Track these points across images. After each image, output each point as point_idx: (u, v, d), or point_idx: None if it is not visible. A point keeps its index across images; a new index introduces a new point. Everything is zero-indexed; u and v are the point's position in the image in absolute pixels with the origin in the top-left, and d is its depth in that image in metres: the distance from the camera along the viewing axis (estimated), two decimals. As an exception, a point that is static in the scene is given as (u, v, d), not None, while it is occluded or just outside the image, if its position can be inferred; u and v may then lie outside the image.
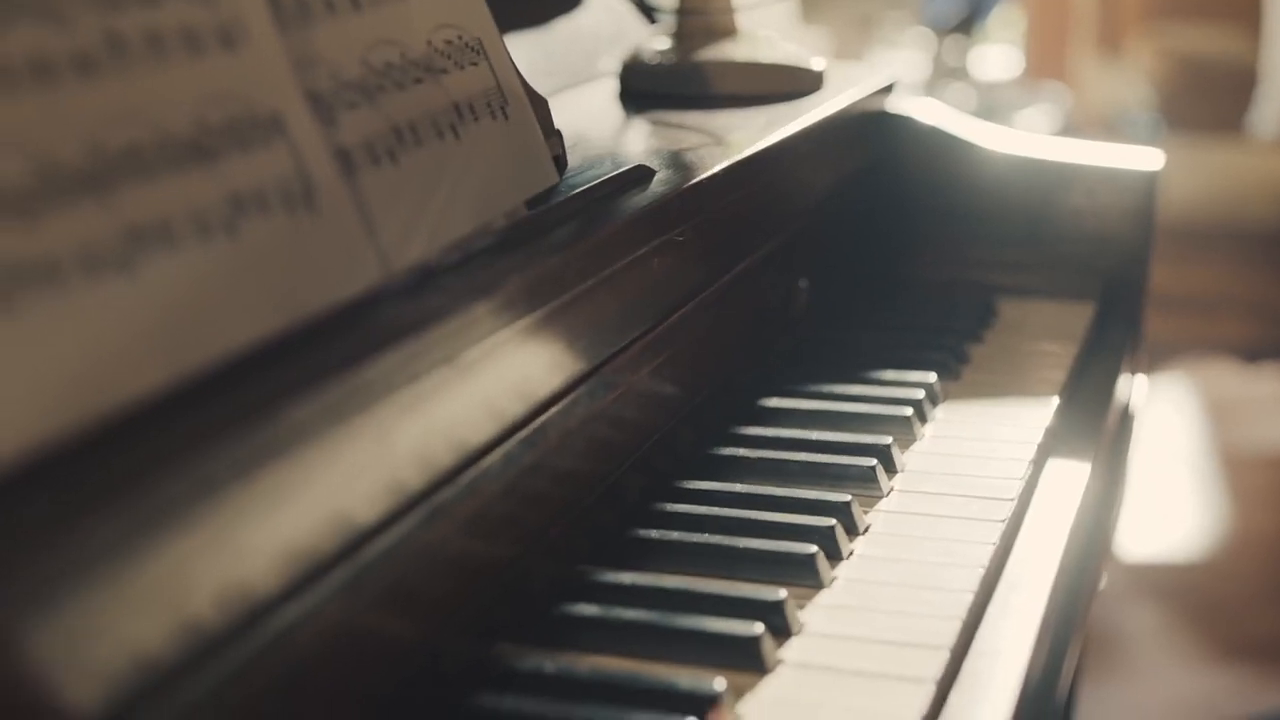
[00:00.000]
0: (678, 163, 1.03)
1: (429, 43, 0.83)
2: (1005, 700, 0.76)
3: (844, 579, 0.86)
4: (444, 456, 0.72)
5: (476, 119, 0.85)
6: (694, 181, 0.99)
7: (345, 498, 0.64)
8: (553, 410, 0.83)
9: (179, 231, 0.62)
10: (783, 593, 0.80)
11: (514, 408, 0.79)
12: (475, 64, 0.87)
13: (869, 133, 1.38)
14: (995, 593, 0.87)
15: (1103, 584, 1.27)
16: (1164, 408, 3.61)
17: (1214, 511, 3.12)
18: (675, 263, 0.98)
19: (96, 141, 0.61)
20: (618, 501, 0.91)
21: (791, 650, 0.78)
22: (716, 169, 1.02)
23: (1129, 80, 3.87)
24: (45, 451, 0.52)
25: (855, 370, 1.15)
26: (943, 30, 4.33)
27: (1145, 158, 1.40)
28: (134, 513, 0.52)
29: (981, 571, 0.86)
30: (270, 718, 0.60)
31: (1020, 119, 3.92)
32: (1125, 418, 1.31)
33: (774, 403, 1.10)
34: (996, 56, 4.86)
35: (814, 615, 0.81)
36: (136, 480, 0.52)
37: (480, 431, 0.75)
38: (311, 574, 0.62)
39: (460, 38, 0.86)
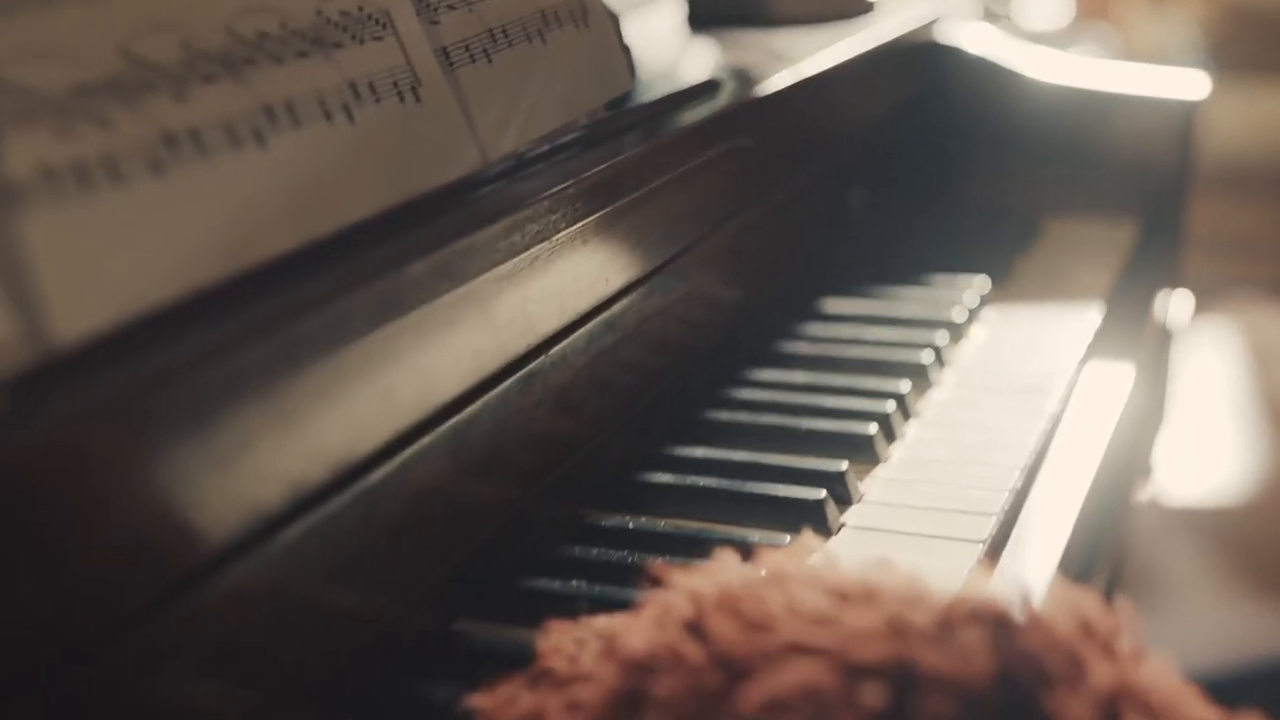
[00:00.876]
0: (742, 78, 1.09)
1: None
2: (1049, 561, 0.83)
3: (899, 457, 0.92)
4: (539, 327, 0.79)
5: (561, 26, 0.92)
6: (758, 95, 1.05)
7: (454, 356, 0.71)
8: (629, 298, 0.89)
9: (304, 112, 0.69)
10: (844, 464, 0.87)
11: (597, 290, 0.85)
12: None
13: (919, 59, 1.44)
14: (1041, 472, 0.93)
15: (1141, 495, 1.33)
16: (1206, 350, 3.64)
17: (1256, 453, 3.16)
18: (740, 168, 1.04)
19: (233, 30, 0.67)
20: (688, 387, 0.98)
21: (852, 515, 0.84)
22: (779, 85, 1.08)
23: (1177, 23, 3.88)
24: (194, 298, 0.58)
25: (907, 276, 1.21)
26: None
27: (1186, 84, 1.45)
28: (278, 346, 0.59)
29: (1029, 452, 0.92)
30: (384, 551, 0.67)
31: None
32: (1165, 331, 1.37)
33: (833, 303, 1.16)
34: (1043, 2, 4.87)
35: (873, 486, 0.88)
36: (279, 320, 0.59)
37: (565, 311, 0.82)
38: (422, 425, 0.69)
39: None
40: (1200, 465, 3.06)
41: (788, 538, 0.79)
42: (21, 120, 0.57)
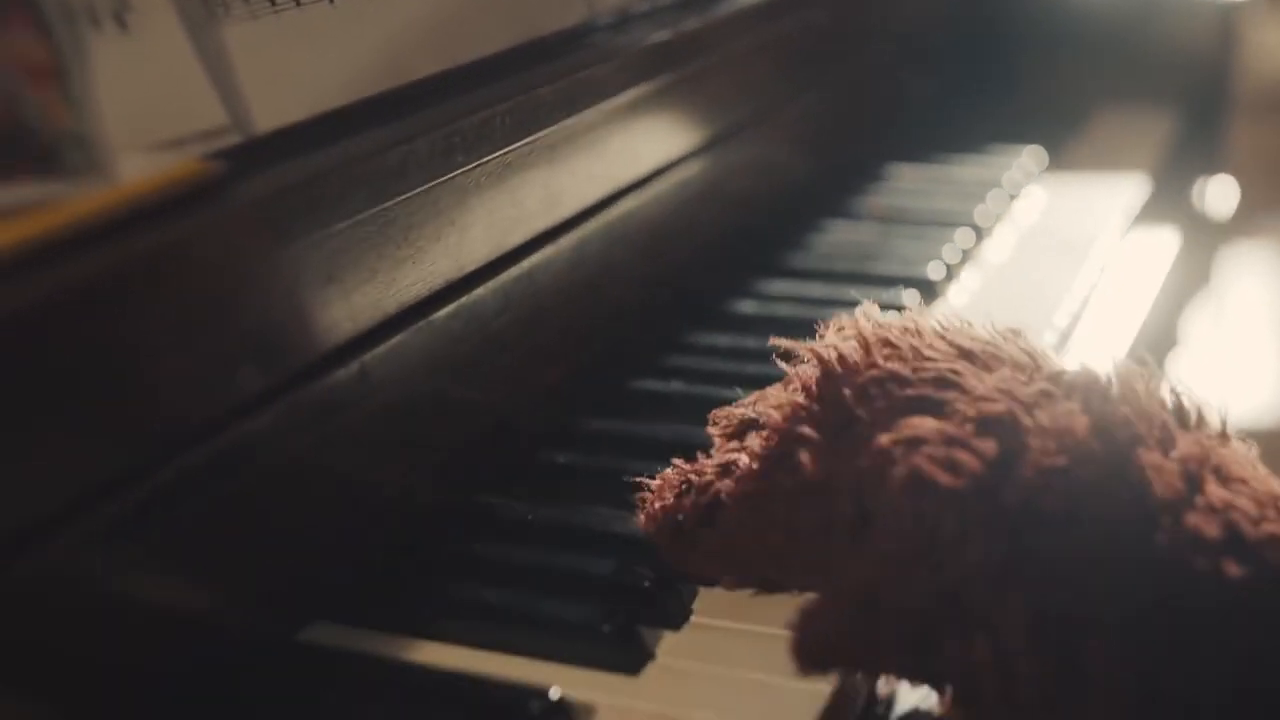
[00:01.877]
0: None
1: None
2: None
3: (956, 299, 1.01)
4: (642, 162, 0.88)
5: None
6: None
7: (575, 177, 0.81)
8: (718, 148, 0.99)
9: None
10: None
11: (691, 137, 0.95)
12: None
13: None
14: (1085, 318, 1.02)
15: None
16: (1251, 277, 3.68)
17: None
18: (811, 44, 1.13)
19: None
20: (769, 236, 1.08)
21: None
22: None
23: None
24: (364, 104, 0.68)
25: (967, 147, 1.30)
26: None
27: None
28: (436, 145, 0.68)
29: (1077, 299, 1.01)
30: (513, 341, 0.77)
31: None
32: (1206, 213, 1.45)
33: (899, 168, 1.25)
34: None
35: (943, 307, 0.97)
36: (435, 123, 0.69)
37: (666, 152, 0.91)
38: (549, 233, 0.79)
39: None
40: (1241, 390, 3.12)
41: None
42: (219, -52, 0.66)
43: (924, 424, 0.57)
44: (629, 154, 0.87)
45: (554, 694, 0.57)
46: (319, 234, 0.62)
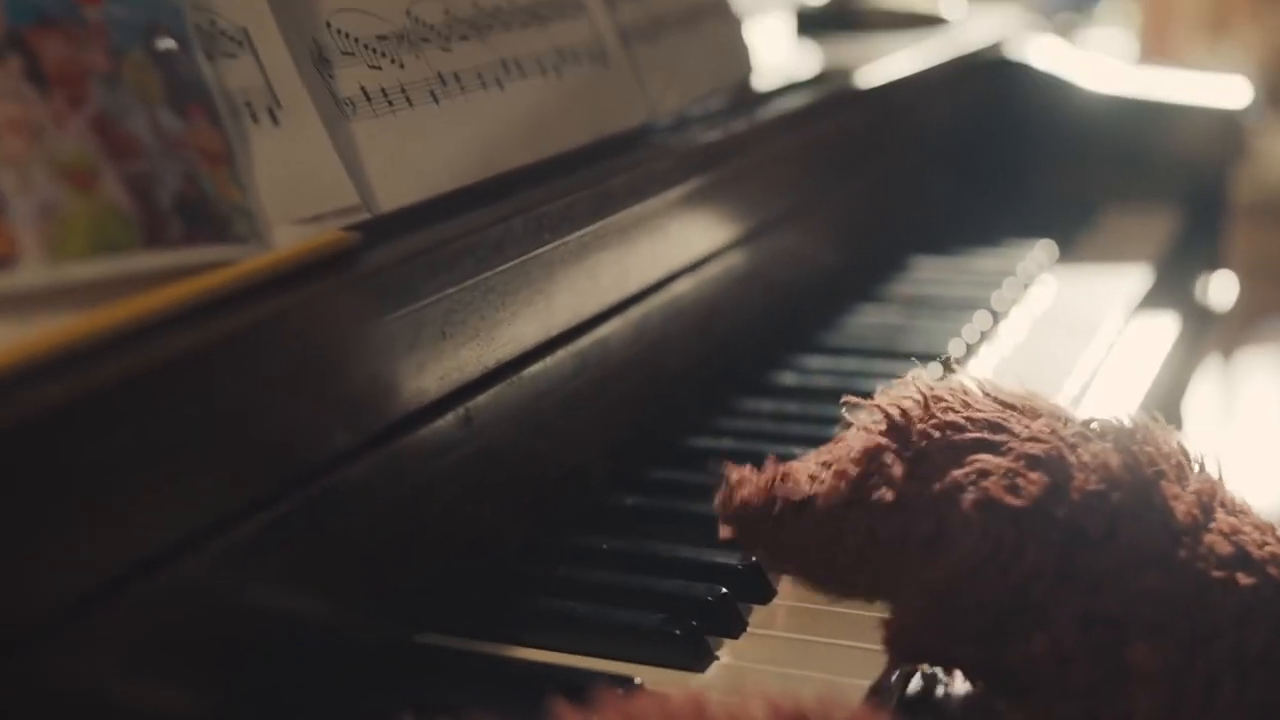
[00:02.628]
0: (840, 74, 1.30)
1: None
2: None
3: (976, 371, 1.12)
4: (695, 247, 1.00)
5: (705, 20, 1.13)
6: (852, 88, 1.26)
7: (640, 257, 0.92)
8: (756, 240, 1.10)
9: (528, 67, 0.90)
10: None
11: (735, 227, 1.06)
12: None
13: (990, 69, 1.64)
14: (1091, 391, 1.13)
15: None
16: (1261, 380, 3.76)
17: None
18: (839, 149, 1.25)
19: (478, 3, 0.89)
20: (799, 319, 1.19)
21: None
22: (871, 81, 1.29)
23: (1236, 64, 4.06)
24: (454, 198, 0.80)
25: (983, 241, 1.42)
26: (1054, 14, 4.54)
27: (1228, 93, 1.64)
28: (526, 226, 0.80)
29: (1086, 372, 1.12)
30: (587, 400, 0.88)
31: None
32: (1205, 306, 1.56)
33: (920, 259, 1.37)
34: (1107, 40, 5.05)
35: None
36: (526, 208, 0.80)
37: (715, 239, 1.03)
38: (617, 306, 0.90)
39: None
40: (1250, 491, 3.19)
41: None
42: (345, 57, 0.78)
43: (988, 459, 0.69)
44: (685, 240, 0.98)
45: (636, 681, 0.67)
46: (433, 296, 0.73)
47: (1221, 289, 1.61)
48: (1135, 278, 1.36)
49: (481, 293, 0.77)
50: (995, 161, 1.63)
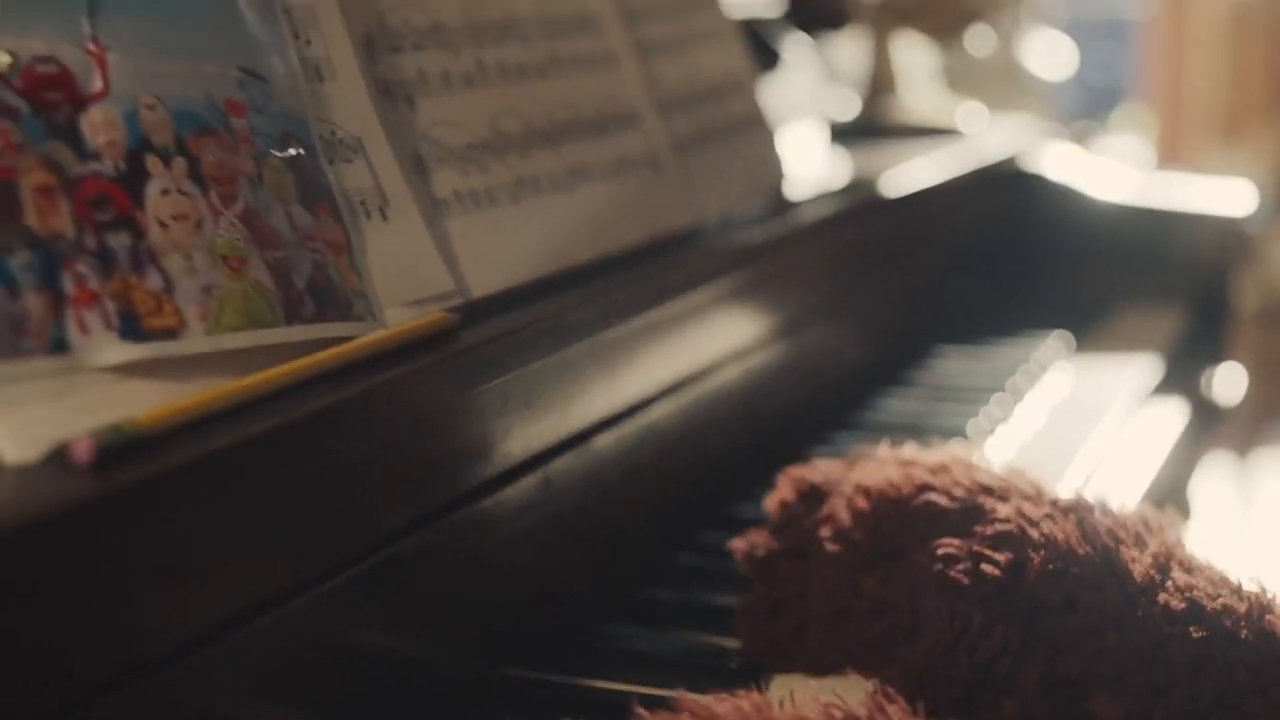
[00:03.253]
0: (866, 182, 1.42)
1: (722, 80, 1.23)
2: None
3: (990, 455, 1.22)
4: (744, 336, 1.10)
5: (746, 132, 1.24)
6: (875, 197, 1.38)
7: (691, 343, 1.03)
8: (798, 332, 1.21)
9: (595, 173, 1.02)
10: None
11: (774, 319, 1.17)
12: (739, 95, 1.26)
13: (1007, 178, 1.75)
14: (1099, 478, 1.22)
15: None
16: (1275, 479, 3.82)
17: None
18: (870, 251, 1.36)
19: (551, 117, 1.00)
20: (825, 414, 1.29)
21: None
22: (891, 192, 1.41)
23: (1249, 169, 4.18)
24: (532, 287, 0.90)
25: (1004, 333, 1.52)
26: (1071, 121, 4.68)
27: (1234, 199, 1.76)
28: (597, 311, 0.91)
29: (1093, 460, 1.22)
30: (651, 470, 0.98)
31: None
32: (1210, 400, 1.66)
33: (945, 349, 1.47)
34: (1122, 147, 5.18)
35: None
36: (596, 296, 0.91)
37: (760, 331, 1.14)
38: (670, 387, 1.01)
39: (738, 81, 1.26)
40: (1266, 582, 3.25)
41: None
42: (440, 163, 0.90)
43: (953, 544, 0.79)
44: (730, 330, 1.09)
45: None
46: (517, 370, 0.84)
47: (1227, 384, 1.71)
48: (1144, 369, 1.47)
49: (558, 369, 0.88)
50: (1014, 261, 1.74)
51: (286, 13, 0.81)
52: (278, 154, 0.76)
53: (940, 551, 0.80)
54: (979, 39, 1.95)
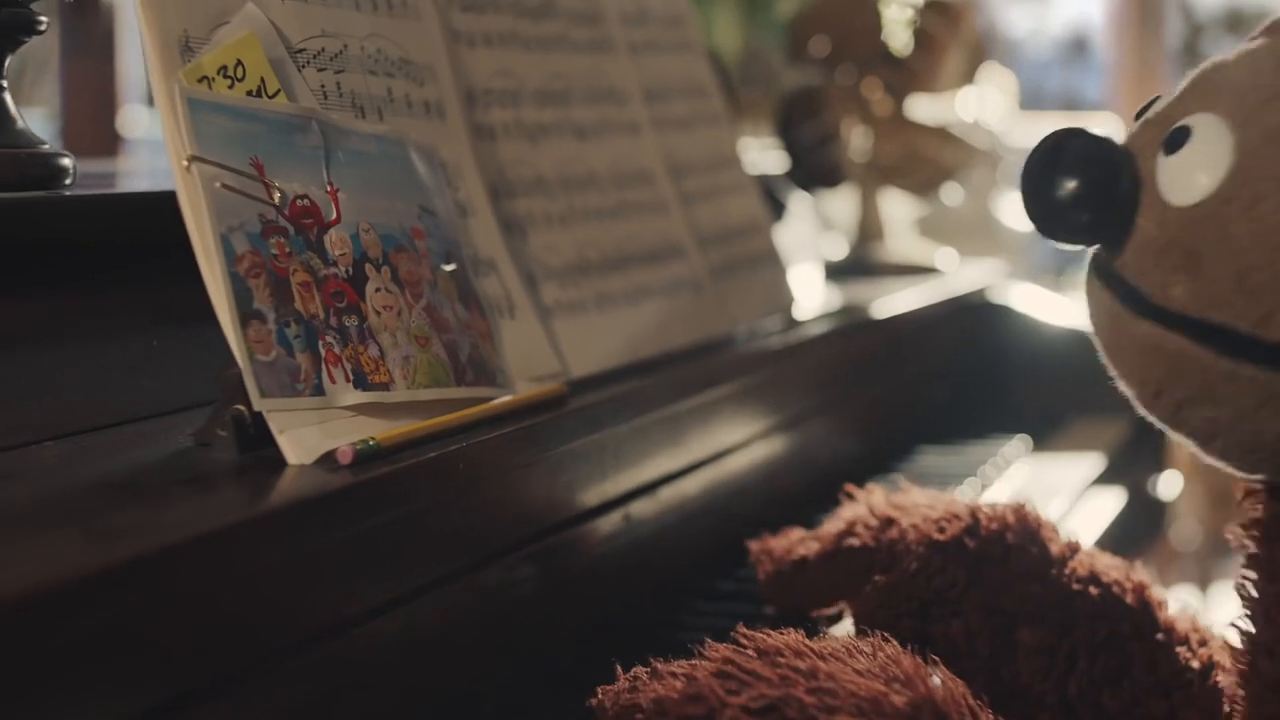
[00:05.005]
0: (858, 309, 1.72)
1: (745, 223, 1.54)
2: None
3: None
4: (757, 424, 1.40)
5: (764, 264, 1.55)
6: (865, 319, 1.68)
7: (717, 429, 1.32)
8: (796, 424, 1.50)
9: (653, 290, 1.32)
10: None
11: (782, 412, 1.46)
12: (759, 235, 1.57)
13: (977, 310, 2.07)
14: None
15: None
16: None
17: None
18: (859, 363, 1.66)
19: (620, 248, 1.31)
20: (827, 487, 1.58)
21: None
22: (880, 315, 1.71)
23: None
24: (619, 374, 1.20)
25: (973, 436, 1.82)
26: (1037, 275, 5.03)
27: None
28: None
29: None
30: (687, 532, 1.26)
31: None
32: (1150, 493, 1.95)
33: (922, 447, 1.77)
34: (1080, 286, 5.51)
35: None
36: (663, 382, 1.21)
37: (771, 421, 1.43)
38: (701, 461, 1.30)
39: (757, 223, 1.57)
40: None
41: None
42: (546, 279, 1.20)
43: (926, 511, 1.09)
44: (743, 422, 1.38)
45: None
46: (609, 429, 1.13)
47: (1167, 484, 2.01)
48: (1091, 466, 1.76)
49: (635, 432, 1.17)
50: (984, 376, 2.04)
51: (443, 167, 1.12)
52: (445, 267, 1.06)
53: (915, 514, 1.11)
54: (952, 194, 2.27)
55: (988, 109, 3.10)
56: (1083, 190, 0.92)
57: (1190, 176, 0.87)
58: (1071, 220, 0.93)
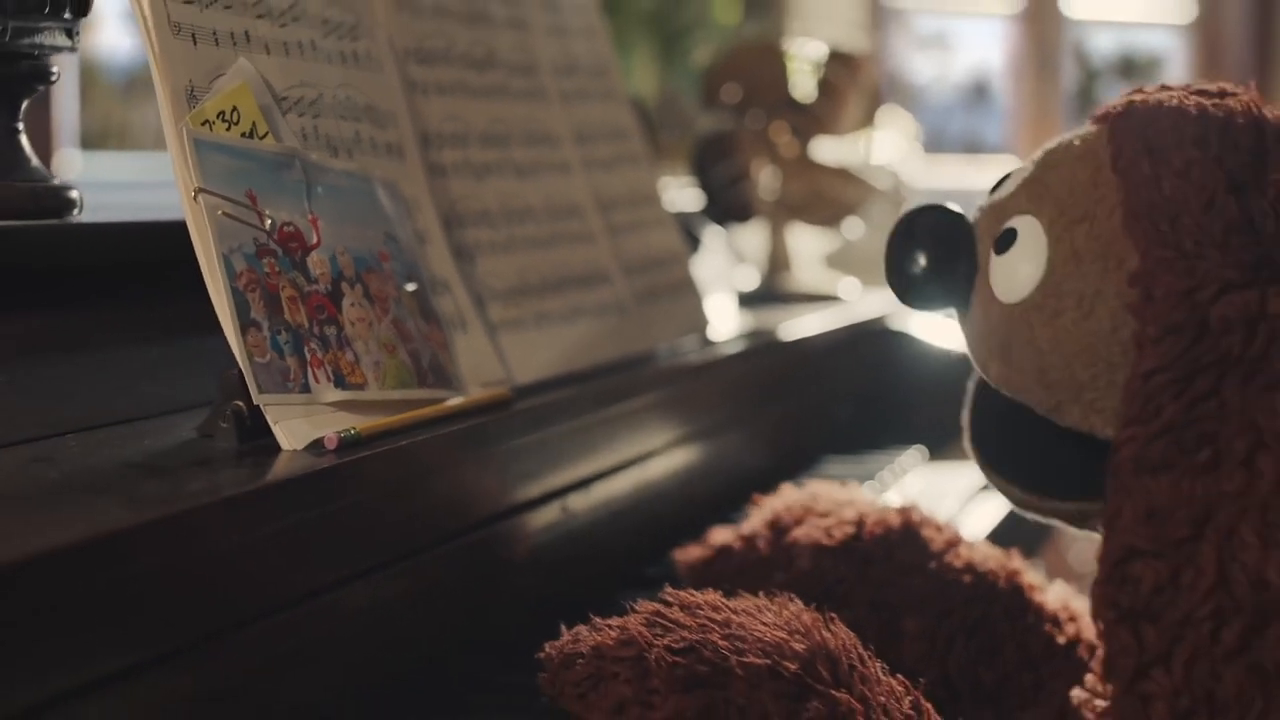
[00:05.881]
0: (767, 332, 1.90)
1: (665, 254, 1.71)
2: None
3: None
4: (675, 430, 1.57)
5: (682, 291, 1.72)
6: (772, 341, 1.86)
7: (640, 435, 1.49)
8: (710, 435, 1.67)
9: (585, 312, 1.48)
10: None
11: (697, 423, 1.63)
12: (677, 264, 1.74)
13: (878, 334, 2.25)
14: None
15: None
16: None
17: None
18: (767, 382, 1.84)
19: (558, 273, 1.47)
20: (740, 492, 1.75)
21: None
22: (785, 337, 1.89)
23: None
24: (556, 383, 1.36)
25: (877, 447, 2.00)
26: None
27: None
28: (577, 414, 1.37)
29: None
30: (607, 529, 1.43)
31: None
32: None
33: (827, 457, 1.95)
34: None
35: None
36: (586, 392, 1.37)
37: (687, 429, 1.60)
38: (623, 464, 1.46)
39: (676, 254, 1.74)
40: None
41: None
42: (492, 299, 1.36)
43: (818, 519, 1.26)
44: (665, 429, 1.55)
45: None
46: (550, 430, 1.29)
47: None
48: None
49: (571, 433, 1.33)
50: (884, 394, 2.22)
51: (403, 200, 1.28)
52: (407, 286, 1.22)
53: (811, 522, 1.28)
54: (854, 229, 2.46)
55: (890, 151, 3.32)
56: (930, 266, 1.11)
57: (1011, 279, 1.06)
58: (921, 291, 1.13)
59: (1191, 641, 0.91)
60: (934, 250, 1.11)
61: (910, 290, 1.13)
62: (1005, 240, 1.07)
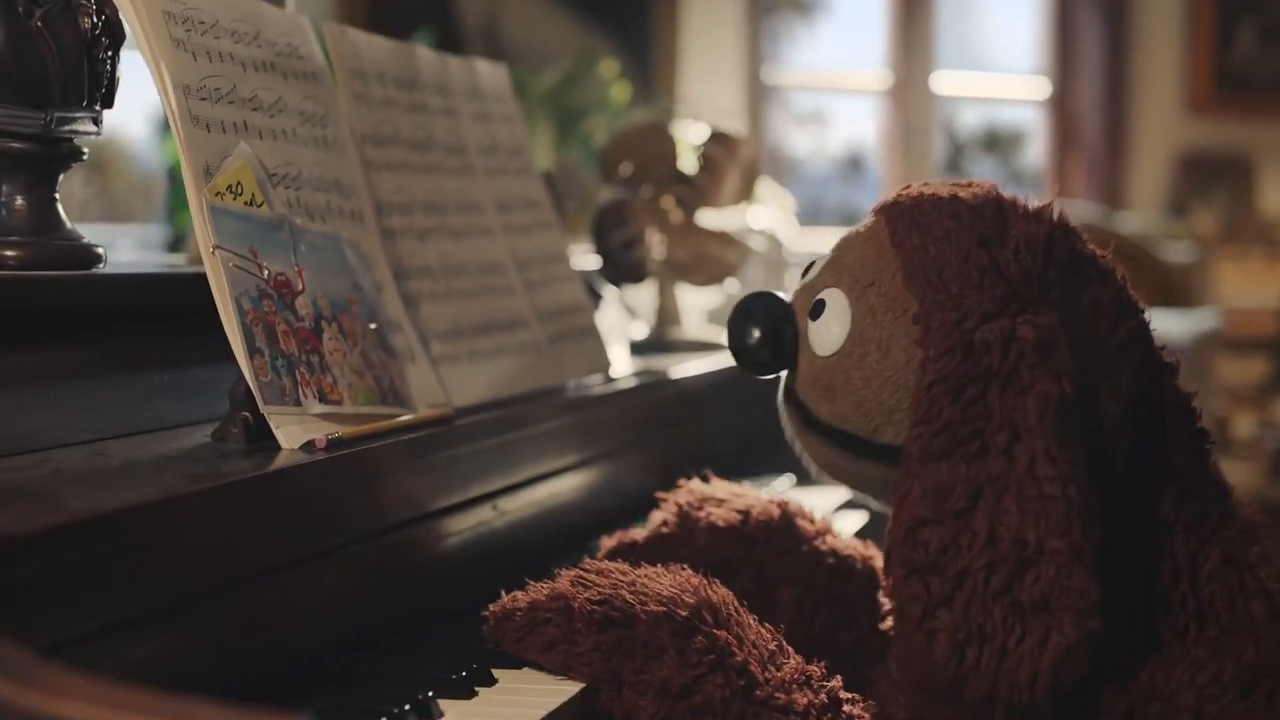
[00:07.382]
0: (656, 372, 2.22)
1: (573, 304, 2.02)
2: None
3: (744, 528, 2.00)
4: (586, 450, 1.87)
5: (587, 336, 2.03)
6: (660, 379, 2.18)
7: (549, 453, 1.79)
8: (610, 455, 1.98)
9: (508, 351, 1.79)
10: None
11: (604, 443, 1.94)
12: (583, 314, 2.05)
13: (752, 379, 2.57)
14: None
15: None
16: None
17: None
18: (657, 416, 2.15)
19: (487, 318, 1.78)
20: (636, 506, 2.06)
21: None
22: (672, 376, 2.21)
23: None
24: (487, 407, 1.67)
25: (743, 473, 2.32)
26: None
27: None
28: (503, 431, 1.67)
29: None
30: (513, 538, 1.73)
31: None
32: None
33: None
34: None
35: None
36: (508, 415, 1.68)
37: (591, 448, 1.90)
38: (532, 480, 1.77)
39: (582, 305, 2.05)
40: None
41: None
42: (433, 338, 1.66)
43: (715, 510, 1.58)
44: (575, 449, 1.86)
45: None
46: (484, 443, 1.59)
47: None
48: (841, 495, 2.27)
49: (500, 446, 1.63)
50: (760, 428, 2.54)
51: (364, 257, 1.58)
52: (371, 326, 1.52)
53: (708, 514, 1.59)
54: (735, 287, 2.79)
55: (769, 220, 3.68)
56: (762, 338, 1.44)
57: (825, 337, 1.39)
58: (757, 357, 1.45)
59: (969, 588, 1.22)
60: (765, 325, 1.43)
61: (749, 358, 1.45)
62: (817, 309, 1.40)
